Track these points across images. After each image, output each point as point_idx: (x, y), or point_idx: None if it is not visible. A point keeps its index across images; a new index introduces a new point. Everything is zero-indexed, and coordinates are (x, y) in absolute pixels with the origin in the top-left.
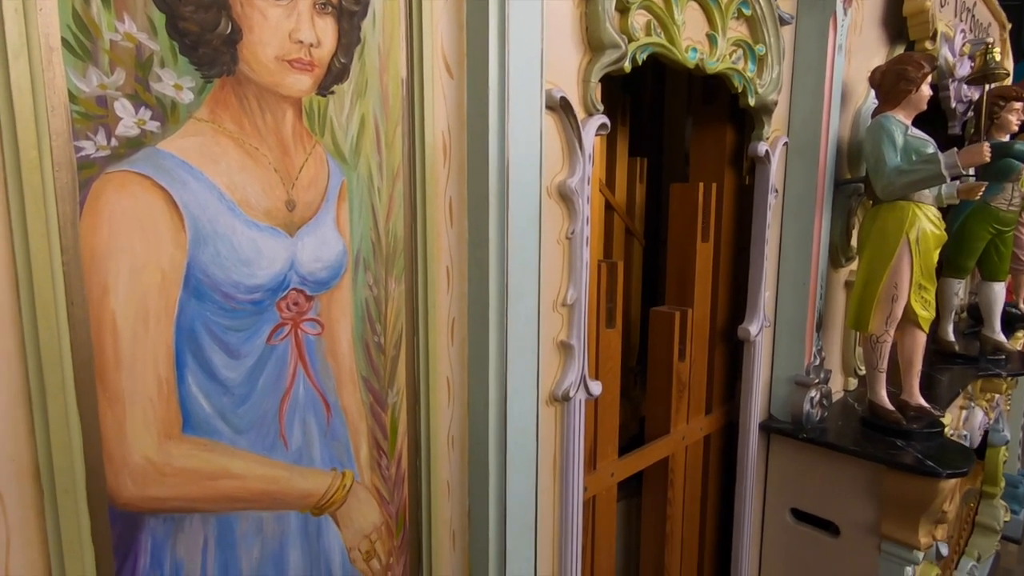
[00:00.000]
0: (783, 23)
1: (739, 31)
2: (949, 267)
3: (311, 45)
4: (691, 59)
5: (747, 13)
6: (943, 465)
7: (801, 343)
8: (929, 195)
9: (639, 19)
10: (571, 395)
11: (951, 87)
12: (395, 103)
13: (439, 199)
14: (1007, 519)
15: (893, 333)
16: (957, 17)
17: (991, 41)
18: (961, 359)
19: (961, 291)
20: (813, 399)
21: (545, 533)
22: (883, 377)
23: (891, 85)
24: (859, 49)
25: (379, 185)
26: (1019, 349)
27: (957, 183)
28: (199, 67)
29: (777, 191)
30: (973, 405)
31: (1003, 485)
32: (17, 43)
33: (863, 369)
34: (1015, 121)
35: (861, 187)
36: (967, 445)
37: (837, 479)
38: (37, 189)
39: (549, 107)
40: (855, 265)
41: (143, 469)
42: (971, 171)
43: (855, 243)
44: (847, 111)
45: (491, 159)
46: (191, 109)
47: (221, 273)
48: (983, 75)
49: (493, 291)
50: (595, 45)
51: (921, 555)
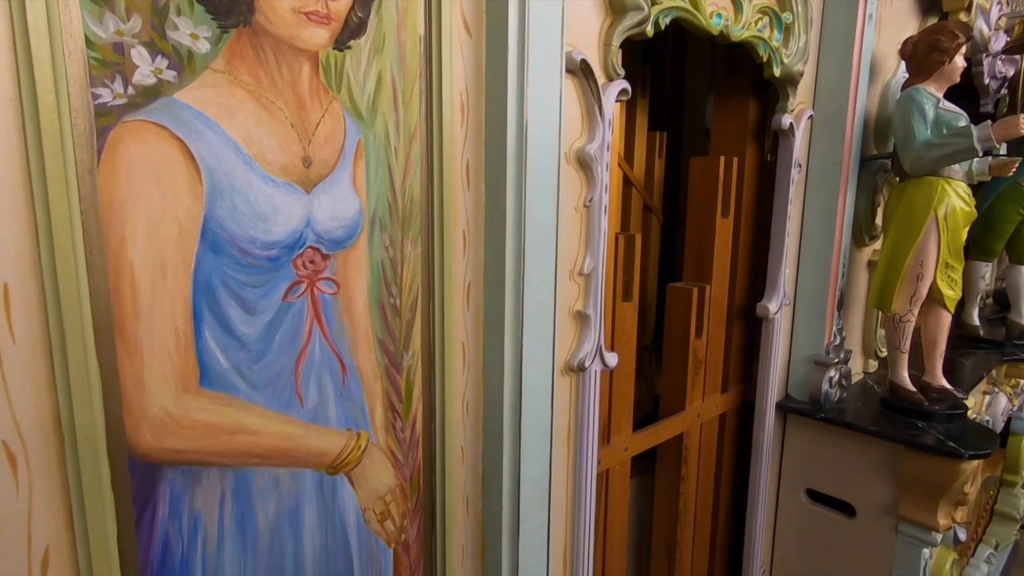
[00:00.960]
0: None
1: None
2: (976, 249)
3: None
4: (715, 25)
5: None
6: (965, 446)
7: (821, 322)
8: (959, 171)
9: None
10: (586, 365)
11: (985, 62)
12: (412, 61)
13: (456, 161)
14: None
15: (917, 313)
16: None
17: None
18: (986, 344)
19: (988, 275)
20: (832, 379)
21: (558, 504)
22: (905, 358)
23: (923, 56)
24: (890, 20)
25: (396, 144)
26: None
27: (989, 159)
28: (215, 16)
29: (800, 166)
30: (997, 390)
31: None
32: None
33: (884, 351)
34: None
35: (888, 163)
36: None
37: (854, 460)
38: (55, 134)
39: (569, 70)
40: (879, 244)
41: (161, 421)
42: (1003, 147)
43: (880, 221)
44: (875, 84)
45: (509, 122)
46: (207, 59)
47: (238, 228)
48: (1022, 44)
49: (509, 257)
50: (617, 7)
51: (939, 537)
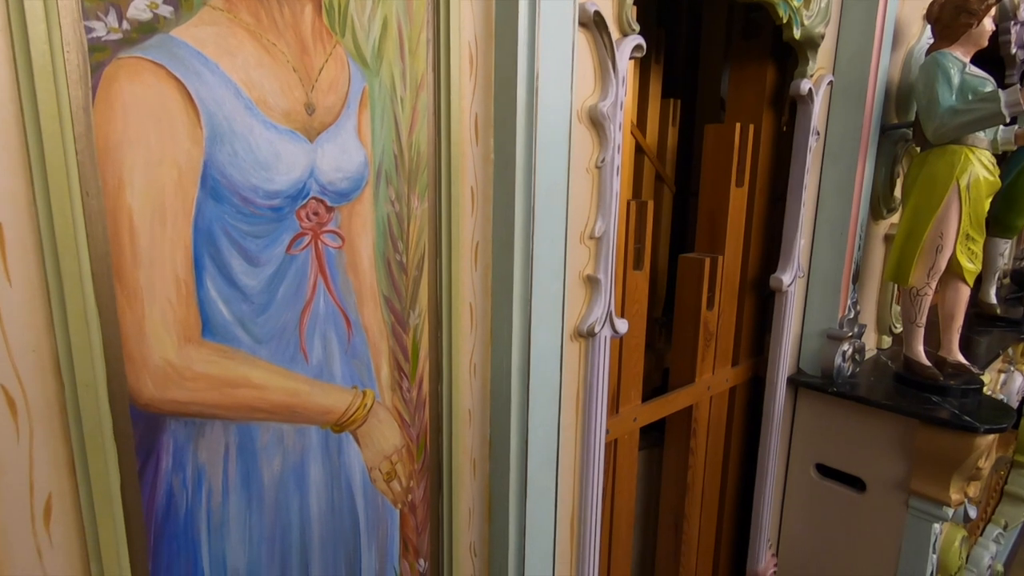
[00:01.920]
0: None
1: None
2: (996, 226)
3: None
4: None
5: None
6: (981, 420)
7: (836, 295)
8: (984, 139)
9: None
10: (596, 331)
11: (1013, 31)
12: (419, 6)
13: (464, 114)
14: None
15: (935, 286)
16: None
17: None
18: (1002, 322)
19: (1007, 253)
20: (845, 353)
21: (566, 471)
22: (921, 332)
23: (950, 19)
24: None
25: (402, 95)
26: None
27: (1015, 127)
28: None
29: (819, 134)
30: (1012, 369)
31: None
32: None
33: (898, 327)
34: None
35: (909, 133)
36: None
37: (866, 434)
38: (47, 67)
39: (582, 23)
40: (896, 218)
41: (163, 371)
42: None
43: (898, 193)
44: (898, 50)
45: (519, 75)
46: None
47: (239, 175)
48: None
49: (519, 217)
50: None
51: (951, 512)
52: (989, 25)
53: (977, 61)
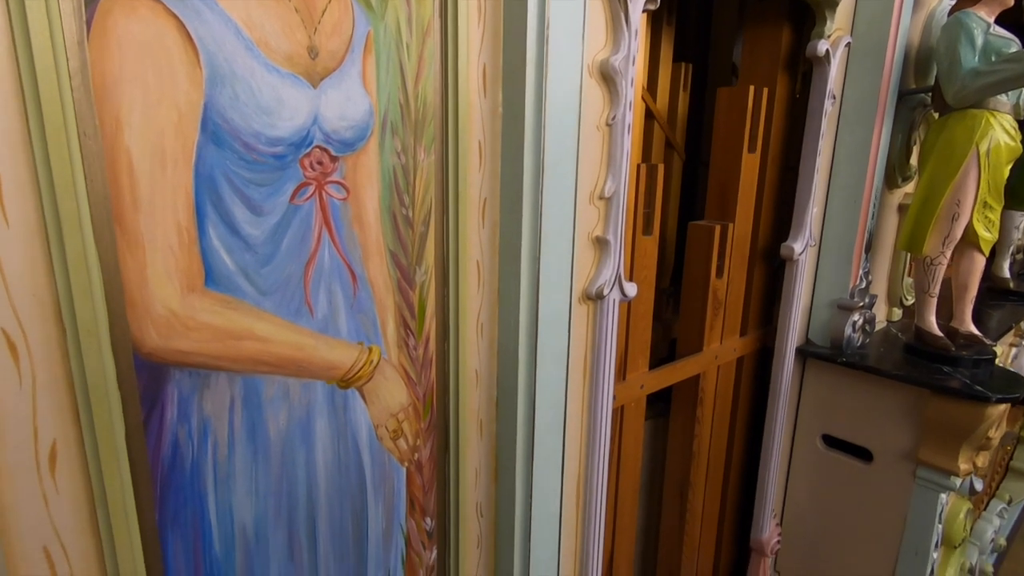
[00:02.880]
0: None
1: None
2: (1013, 198)
3: None
4: None
5: None
6: (993, 390)
7: (847, 264)
8: (1007, 102)
9: None
10: (605, 294)
11: None
12: None
13: (472, 65)
14: None
15: (949, 256)
16: None
17: None
18: (1015, 296)
19: (1022, 226)
20: (856, 323)
21: (573, 435)
22: (934, 302)
23: None
24: None
25: (408, 41)
26: None
27: None
28: None
29: (835, 98)
30: None
31: None
32: None
33: (909, 299)
34: None
35: (927, 98)
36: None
37: (875, 405)
38: None
39: None
40: (911, 187)
41: (166, 320)
42: None
43: (914, 162)
44: (920, 12)
45: (529, 24)
46: None
47: (240, 120)
48: None
49: (527, 173)
50: None
51: (959, 481)
52: None
53: (1002, 22)
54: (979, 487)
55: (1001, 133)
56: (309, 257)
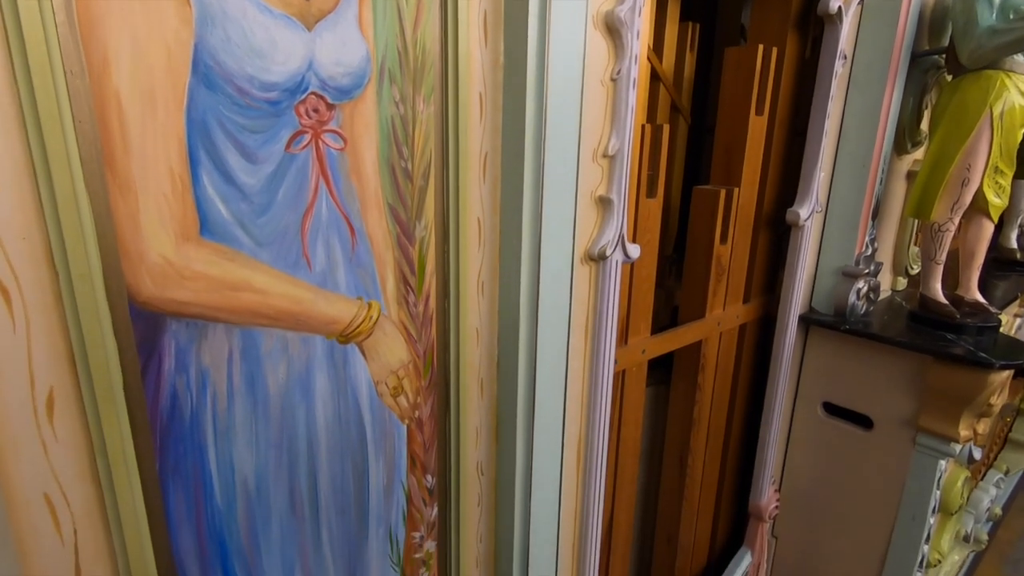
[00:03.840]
0: None
1: None
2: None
3: None
4: None
5: None
6: (996, 356)
7: (853, 232)
8: (1023, 62)
9: None
10: (607, 254)
11: None
12: None
13: (472, 11)
14: None
15: (958, 222)
16: None
17: None
18: (1022, 267)
19: None
20: (860, 291)
21: (574, 397)
22: (940, 270)
23: None
24: None
25: None
26: None
27: None
28: None
29: (846, 58)
30: None
31: None
32: None
33: (915, 268)
34: None
35: (940, 60)
36: None
37: (876, 372)
38: None
39: None
40: (920, 153)
41: (162, 269)
42: None
43: (925, 127)
44: None
45: None
46: None
47: (233, 62)
48: None
49: (529, 128)
50: None
51: (959, 448)
52: None
53: None
54: (977, 456)
55: (1016, 95)
56: (306, 208)
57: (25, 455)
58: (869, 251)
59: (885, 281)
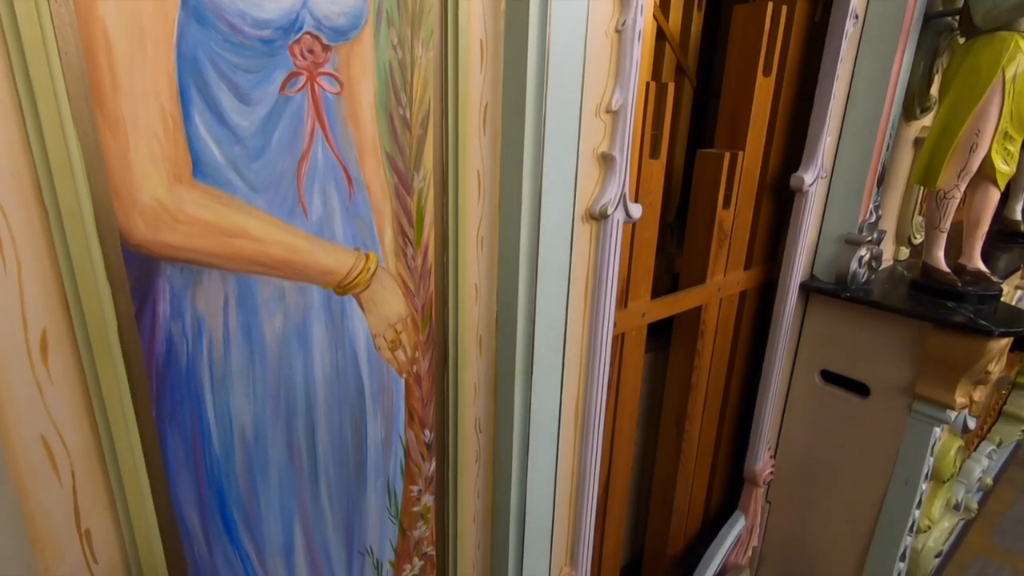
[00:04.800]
0: None
1: None
2: None
3: None
4: None
5: None
6: (996, 324)
7: (858, 198)
8: None
9: None
10: (609, 213)
11: None
12: None
13: None
14: None
15: (964, 190)
16: None
17: None
18: None
19: None
20: (862, 258)
21: (572, 358)
22: (944, 238)
23: None
24: None
25: None
26: None
27: None
28: None
29: (857, 17)
30: None
31: None
32: None
33: (918, 237)
34: None
35: (954, 22)
36: None
37: (875, 340)
38: None
39: None
40: (929, 120)
41: (154, 211)
42: None
43: (935, 92)
44: None
45: None
46: None
47: None
48: None
49: (531, 78)
50: None
51: (954, 415)
52: None
53: None
54: (972, 425)
55: None
56: (302, 154)
57: (20, 396)
58: (873, 218)
59: (887, 251)
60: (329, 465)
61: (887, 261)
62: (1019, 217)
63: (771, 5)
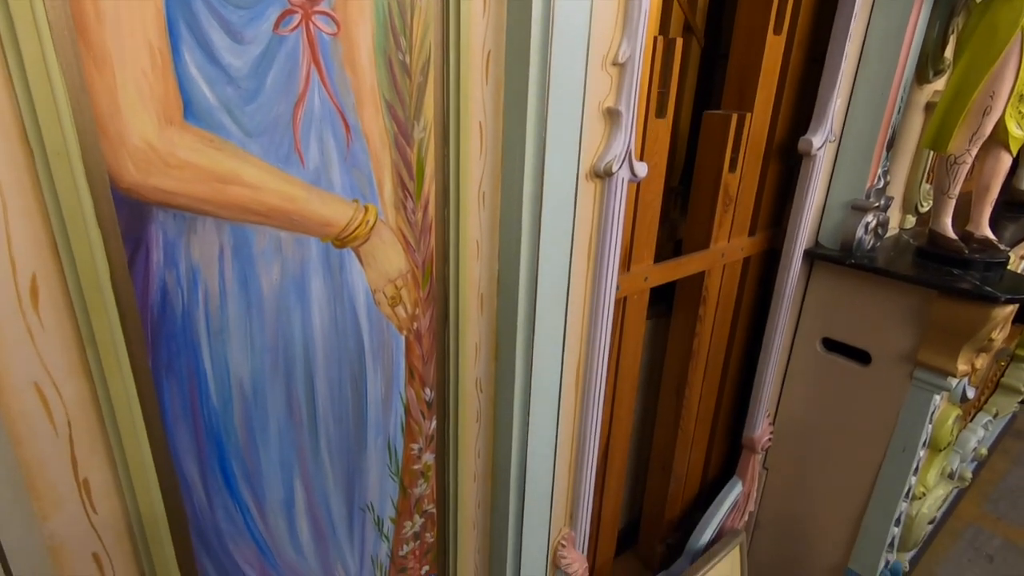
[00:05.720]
0: None
1: None
2: None
3: None
4: None
5: None
6: (1002, 291)
7: (866, 163)
8: None
9: None
10: (614, 170)
11: None
12: None
13: None
14: None
15: (975, 155)
16: None
17: None
18: None
19: None
20: (868, 224)
21: (575, 320)
22: (952, 204)
23: None
24: None
25: None
26: None
27: None
28: None
29: None
30: None
31: None
32: None
33: (925, 205)
34: None
35: None
36: None
37: (879, 307)
38: None
39: None
40: (941, 84)
41: (144, 154)
42: None
43: (949, 55)
44: None
45: None
46: None
47: None
48: None
49: (536, 24)
50: None
51: (955, 382)
52: None
53: None
54: (971, 395)
55: None
56: (298, 98)
57: (11, 342)
58: (881, 183)
59: (893, 219)
60: (329, 421)
61: (893, 229)
62: None
63: None
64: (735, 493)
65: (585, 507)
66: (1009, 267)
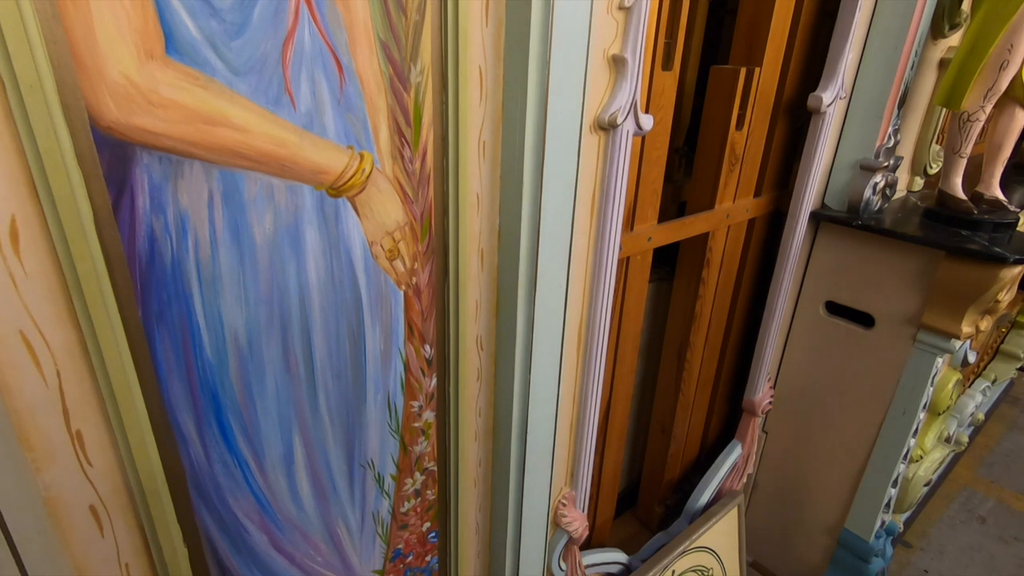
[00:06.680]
0: None
1: None
2: None
3: None
4: None
5: None
6: (1011, 252)
7: (877, 122)
8: None
9: None
10: (618, 122)
11: None
12: None
13: None
14: None
15: (989, 112)
16: None
17: None
18: None
19: None
20: (876, 185)
21: (577, 277)
22: (963, 164)
23: None
24: None
25: None
26: None
27: None
28: None
29: None
30: None
31: None
32: None
33: (934, 167)
34: None
35: None
36: None
37: (884, 269)
38: None
39: None
40: (956, 40)
41: (125, 90)
42: None
43: (966, 8)
44: None
45: None
46: None
47: None
48: None
49: None
50: None
51: (958, 344)
52: None
53: None
54: (972, 359)
55: None
56: (287, 34)
57: None
58: (891, 142)
59: (901, 181)
60: (327, 376)
61: (900, 192)
62: None
63: None
64: (734, 455)
65: (586, 467)
66: (1019, 228)
